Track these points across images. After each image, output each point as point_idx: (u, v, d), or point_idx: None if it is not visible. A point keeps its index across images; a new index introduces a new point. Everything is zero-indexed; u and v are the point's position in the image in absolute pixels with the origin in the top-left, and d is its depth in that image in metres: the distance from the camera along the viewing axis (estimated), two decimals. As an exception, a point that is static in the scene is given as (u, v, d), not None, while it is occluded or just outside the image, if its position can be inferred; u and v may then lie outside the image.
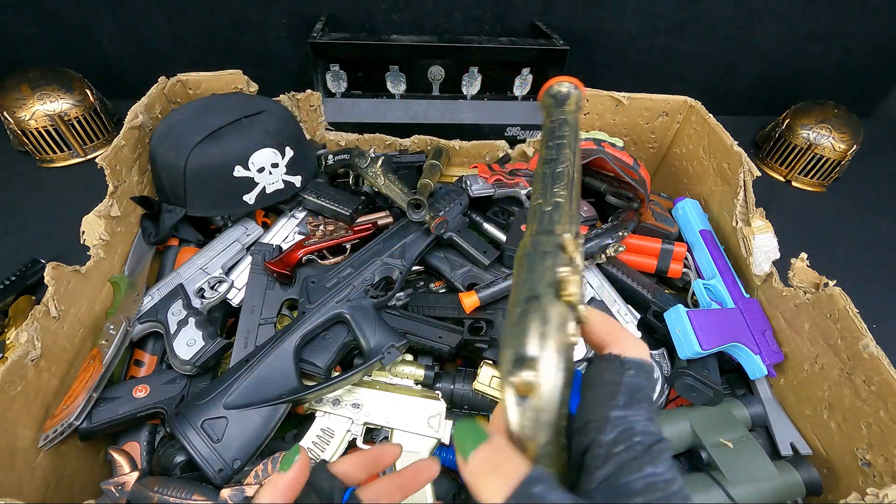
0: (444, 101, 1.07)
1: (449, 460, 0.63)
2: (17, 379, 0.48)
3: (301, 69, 1.22)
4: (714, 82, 1.35)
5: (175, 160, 0.67)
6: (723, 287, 0.67)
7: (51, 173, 1.01)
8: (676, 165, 0.92)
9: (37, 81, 0.97)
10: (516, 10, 1.16)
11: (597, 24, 1.20)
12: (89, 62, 1.14)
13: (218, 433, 0.50)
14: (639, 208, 0.77)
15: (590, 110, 0.89)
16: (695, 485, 0.53)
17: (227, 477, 0.49)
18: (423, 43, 0.99)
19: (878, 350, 0.52)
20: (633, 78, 1.32)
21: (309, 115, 0.92)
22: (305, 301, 0.63)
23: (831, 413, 0.57)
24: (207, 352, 0.60)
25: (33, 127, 0.97)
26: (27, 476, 0.48)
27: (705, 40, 1.25)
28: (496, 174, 0.81)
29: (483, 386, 0.62)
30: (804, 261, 0.62)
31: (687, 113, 0.87)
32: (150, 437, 0.59)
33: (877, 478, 0.51)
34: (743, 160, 0.71)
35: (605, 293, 0.69)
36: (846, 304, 0.55)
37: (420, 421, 0.58)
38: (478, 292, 0.65)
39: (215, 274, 0.69)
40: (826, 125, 1.11)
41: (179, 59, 1.17)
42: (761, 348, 0.62)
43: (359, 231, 0.75)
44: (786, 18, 1.22)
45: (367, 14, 1.15)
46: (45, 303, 0.52)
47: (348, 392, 0.60)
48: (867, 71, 1.35)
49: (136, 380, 0.59)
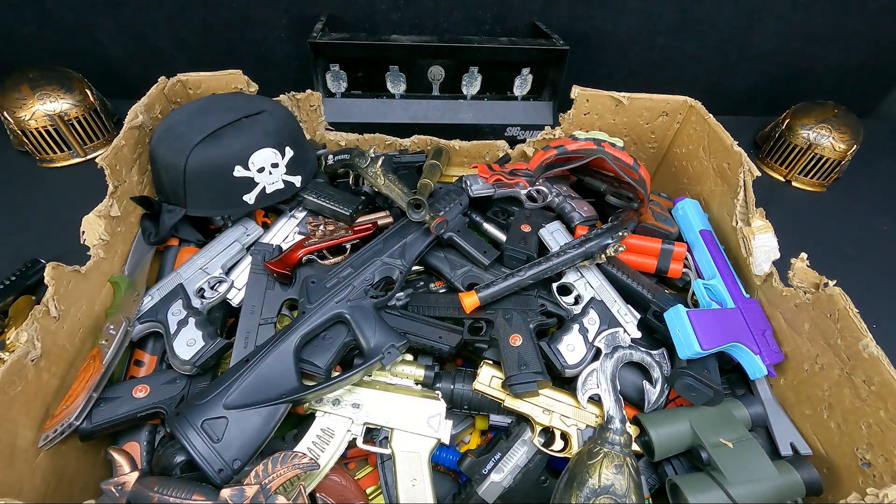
0: (444, 101, 1.07)
1: (449, 460, 0.63)
2: (17, 379, 0.48)
3: (301, 69, 1.22)
4: (714, 82, 1.35)
5: (175, 160, 0.67)
6: (723, 287, 0.67)
7: (51, 173, 1.01)
8: (676, 165, 0.92)
9: (37, 81, 0.97)
10: (516, 10, 1.16)
11: (597, 24, 1.20)
12: (89, 62, 1.14)
13: (218, 433, 0.50)
14: (639, 208, 0.77)
15: (590, 110, 0.89)
16: (695, 485, 0.53)
17: (227, 477, 0.49)
18: (423, 43, 0.99)
19: (878, 350, 0.52)
20: (633, 78, 1.32)
21: (309, 115, 0.92)
22: (305, 301, 0.63)
23: (831, 413, 0.57)
24: (207, 352, 0.60)
25: (33, 127, 0.97)
26: (27, 476, 0.48)
27: (705, 40, 1.25)
28: (496, 174, 0.81)
29: (483, 386, 0.62)
30: (804, 261, 0.62)
31: (687, 113, 0.87)
32: (150, 437, 0.59)
33: (877, 478, 0.51)
34: (743, 160, 0.71)
35: (605, 293, 0.69)
36: (846, 304, 0.55)
37: (420, 421, 0.58)
38: (478, 292, 0.65)
39: (215, 274, 0.69)
40: (826, 125, 1.11)
41: (179, 59, 1.17)
42: (761, 348, 0.62)
43: (359, 231, 0.75)
44: (786, 18, 1.22)
45: (367, 14, 1.15)
46: (45, 303, 0.52)
47: (348, 392, 0.60)
48: (867, 71, 1.35)
49: (136, 380, 0.59)
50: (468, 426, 0.69)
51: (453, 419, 0.63)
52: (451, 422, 0.60)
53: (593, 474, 0.51)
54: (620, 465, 0.51)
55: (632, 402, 0.64)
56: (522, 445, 0.60)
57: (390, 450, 0.57)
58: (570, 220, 0.79)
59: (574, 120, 0.90)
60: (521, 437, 0.61)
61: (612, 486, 0.50)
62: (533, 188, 0.81)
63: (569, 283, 0.71)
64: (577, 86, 0.86)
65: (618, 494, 0.49)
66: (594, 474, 0.51)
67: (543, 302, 0.69)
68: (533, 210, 0.81)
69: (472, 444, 0.69)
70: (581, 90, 0.86)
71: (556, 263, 0.67)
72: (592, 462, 0.52)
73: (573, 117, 0.89)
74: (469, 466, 0.60)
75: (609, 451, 0.53)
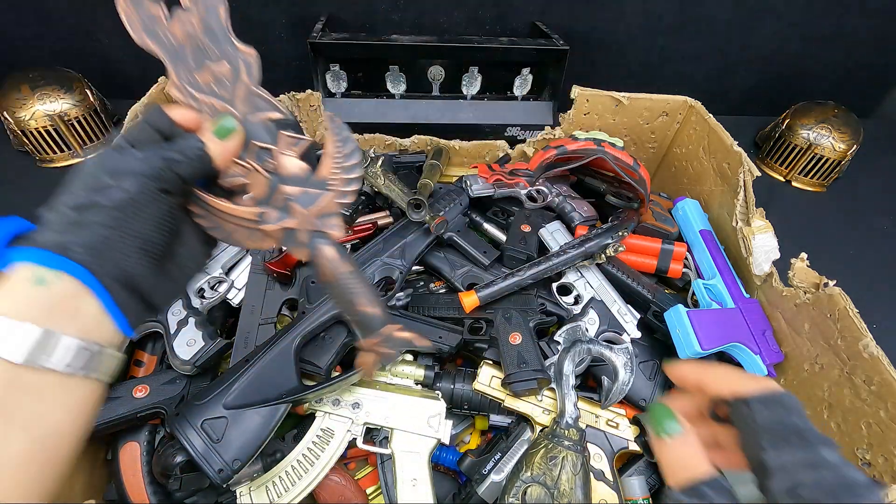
0: (444, 101, 1.07)
1: (449, 460, 0.63)
2: (17, 379, 0.48)
3: (301, 69, 1.22)
4: (714, 82, 1.35)
5: (175, 160, 0.66)
6: (723, 287, 0.67)
7: (51, 173, 1.01)
8: (676, 165, 0.92)
9: (37, 81, 0.97)
10: (516, 10, 1.16)
11: (597, 24, 1.20)
12: (89, 62, 1.14)
13: (218, 433, 0.50)
14: (639, 208, 0.77)
15: (590, 110, 0.89)
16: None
17: (227, 477, 0.49)
18: (423, 43, 0.99)
19: (878, 350, 0.52)
20: (633, 78, 1.32)
21: (309, 115, 0.92)
22: (305, 301, 0.63)
23: (831, 413, 0.57)
24: (207, 352, 0.60)
25: (33, 127, 0.97)
26: (27, 476, 0.48)
27: (705, 40, 1.25)
28: (496, 174, 0.81)
29: (483, 386, 0.62)
30: (804, 261, 0.62)
31: (687, 113, 0.87)
32: (150, 437, 0.59)
33: (877, 478, 0.51)
34: (743, 160, 0.71)
35: (604, 293, 0.69)
36: (846, 304, 0.55)
37: (420, 421, 0.58)
38: (478, 292, 0.65)
39: (215, 274, 0.69)
40: (826, 125, 1.11)
41: (179, 59, 1.17)
42: (761, 348, 0.62)
43: (359, 231, 0.75)
44: (786, 18, 1.22)
45: (367, 14, 1.14)
46: (45, 303, 0.52)
47: (348, 392, 0.60)
48: (867, 71, 1.35)
49: (136, 380, 0.59)
50: (468, 426, 0.69)
51: (453, 419, 0.63)
52: (451, 422, 0.60)
53: (529, 465, 0.53)
54: (556, 456, 0.52)
55: (631, 402, 0.64)
56: (522, 445, 0.60)
57: (390, 450, 0.57)
58: (570, 220, 0.79)
59: (574, 120, 0.90)
60: (521, 437, 0.61)
61: (542, 476, 0.51)
62: (533, 188, 0.81)
63: (569, 283, 0.71)
64: (577, 86, 0.86)
65: (547, 485, 0.51)
66: (529, 464, 0.53)
67: (543, 301, 0.69)
68: (533, 210, 0.81)
69: (472, 444, 0.69)
70: (581, 90, 0.86)
71: (556, 263, 0.67)
72: (531, 452, 0.54)
73: (573, 117, 0.89)
74: (469, 466, 0.60)
75: (548, 444, 0.53)
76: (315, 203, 0.36)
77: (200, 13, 0.34)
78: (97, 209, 0.27)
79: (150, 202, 0.29)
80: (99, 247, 0.27)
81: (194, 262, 0.35)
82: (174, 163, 0.30)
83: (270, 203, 0.36)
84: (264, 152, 0.36)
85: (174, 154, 0.30)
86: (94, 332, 0.27)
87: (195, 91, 0.35)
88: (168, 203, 0.30)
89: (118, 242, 0.27)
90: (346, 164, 0.38)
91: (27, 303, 0.25)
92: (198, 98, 0.35)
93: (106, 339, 0.28)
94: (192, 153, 0.31)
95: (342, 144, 0.38)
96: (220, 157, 0.32)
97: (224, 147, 0.32)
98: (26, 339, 0.25)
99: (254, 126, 0.35)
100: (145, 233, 0.28)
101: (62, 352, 0.26)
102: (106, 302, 0.27)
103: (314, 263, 0.38)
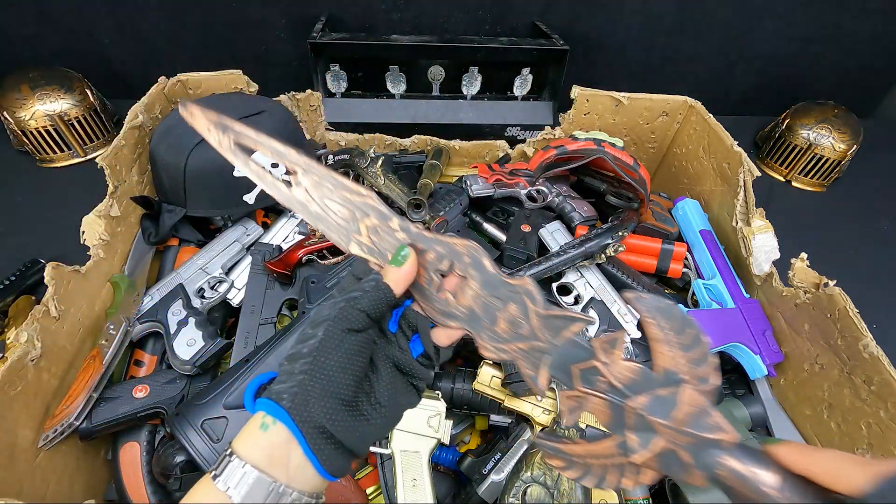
0: (444, 101, 1.07)
1: (448, 460, 0.63)
2: (17, 379, 0.48)
3: (301, 69, 1.22)
4: (714, 82, 1.35)
5: (175, 160, 0.67)
6: (723, 287, 0.67)
7: (51, 173, 1.01)
8: (676, 165, 0.92)
9: (37, 81, 0.97)
10: (516, 10, 1.16)
11: (597, 24, 1.20)
12: (89, 62, 1.13)
13: (218, 433, 0.50)
14: (639, 208, 0.77)
15: (590, 110, 0.89)
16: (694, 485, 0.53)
17: (227, 477, 0.49)
18: (423, 43, 0.99)
19: (878, 350, 0.52)
20: (633, 78, 1.32)
21: (309, 115, 0.92)
22: (305, 301, 0.63)
23: (831, 413, 0.57)
24: (207, 352, 0.60)
25: (33, 127, 0.97)
26: (27, 476, 0.48)
27: (705, 40, 1.25)
28: (496, 174, 0.81)
29: (483, 386, 0.62)
30: (804, 261, 0.62)
31: (687, 113, 0.87)
32: (150, 437, 0.59)
33: (877, 478, 0.51)
34: (743, 160, 0.71)
35: (604, 293, 0.69)
36: (846, 304, 0.55)
37: (420, 421, 0.58)
38: (478, 292, 0.64)
39: (215, 274, 0.69)
40: (826, 125, 1.11)
41: (179, 59, 1.17)
42: (761, 348, 0.62)
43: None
44: (786, 18, 1.22)
45: (367, 14, 1.14)
46: (45, 303, 0.52)
47: (348, 392, 0.59)
48: (867, 71, 1.35)
49: (136, 380, 0.59)
50: (468, 426, 0.69)
51: (453, 419, 0.63)
52: (451, 422, 0.60)
53: (529, 465, 0.54)
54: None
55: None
56: (522, 445, 0.60)
57: (390, 450, 0.57)
58: (570, 220, 0.79)
59: (574, 120, 0.90)
60: (521, 437, 0.61)
61: (542, 476, 0.52)
62: (533, 188, 0.81)
63: (569, 283, 0.71)
64: (577, 86, 0.87)
65: (547, 485, 0.52)
66: (529, 465, 0.54)
67: (543, 302, 0.69)
68: (533, 210, 0.81)
69: (472, 444, 0.69)
70: (581, 90, 0.86)
71: (556, 263, 0.67)
72: (531, 452, 0.55)
73: (573, 117, 0.89)
74: (469, 466, 0.60)
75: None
76: (676, 406, 0.28)
77: (475, 277, 0.33)
78: (300, 358, 0.29)
79: (338, 343, 0.29)
80: (299, 393, 0.28)
81: (395, 406, 0.33)
82: (354, 300, 0.31)
83: (626, 427, 0.30)
84: (589, 372, 0.31)
85: (355, 293, 0.31)
86: (297, 479, 0.28)
87: (502, 344, 0.33)
88: (355, 342, 0.30)
89: (312, 387, 0.28)
90: (684, 341, 0.30)
91: (256, 446, 0.28)
92: (507, 349, 0.33)
93: (309, 485, 0.29)
94: (369, 286, 0.31)
95: (669, 324, 0.31)
96: (396, 283, 0.32)
97: (398, 273, 0.32)
98: (246, 480, 0.26)
99: (566, 351, 0.32)
100: (334, 375, 0.29)
101: (273, 497, 0.27)
102: (304, 447, 0.28)
103: (723, 489, 0.27)
